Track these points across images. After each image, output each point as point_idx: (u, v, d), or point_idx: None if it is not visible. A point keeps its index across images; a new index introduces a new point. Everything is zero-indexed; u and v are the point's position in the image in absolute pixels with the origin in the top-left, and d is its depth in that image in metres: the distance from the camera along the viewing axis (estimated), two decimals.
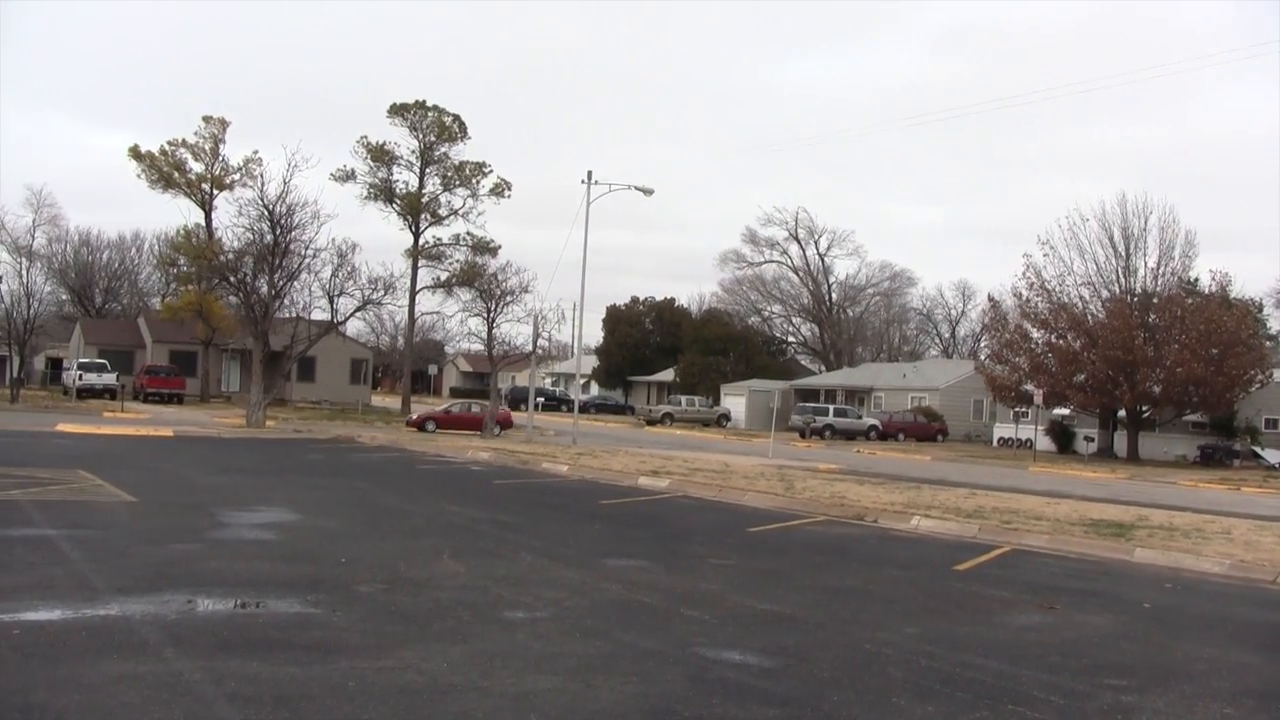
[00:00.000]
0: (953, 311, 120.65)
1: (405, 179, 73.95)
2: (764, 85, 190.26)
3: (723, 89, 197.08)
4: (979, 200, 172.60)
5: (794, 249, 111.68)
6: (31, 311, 62.12)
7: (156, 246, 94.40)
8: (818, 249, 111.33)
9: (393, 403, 79.74)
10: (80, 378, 64.10)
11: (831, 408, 73.81)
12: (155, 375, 67.42)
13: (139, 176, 72.47)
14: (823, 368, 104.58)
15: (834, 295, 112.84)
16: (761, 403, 73.93)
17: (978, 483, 35.13)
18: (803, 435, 67.72)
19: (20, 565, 12.61)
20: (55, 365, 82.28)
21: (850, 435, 69.41)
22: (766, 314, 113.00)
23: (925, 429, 71.12)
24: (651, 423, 77.58)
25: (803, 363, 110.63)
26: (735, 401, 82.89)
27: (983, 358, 72.42)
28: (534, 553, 15.85)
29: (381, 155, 72.69)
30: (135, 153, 72.25)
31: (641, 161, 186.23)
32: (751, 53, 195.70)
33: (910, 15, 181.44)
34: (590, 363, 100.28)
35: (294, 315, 50.91)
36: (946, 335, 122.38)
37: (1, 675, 8.11)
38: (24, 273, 68.09)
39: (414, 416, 55.89)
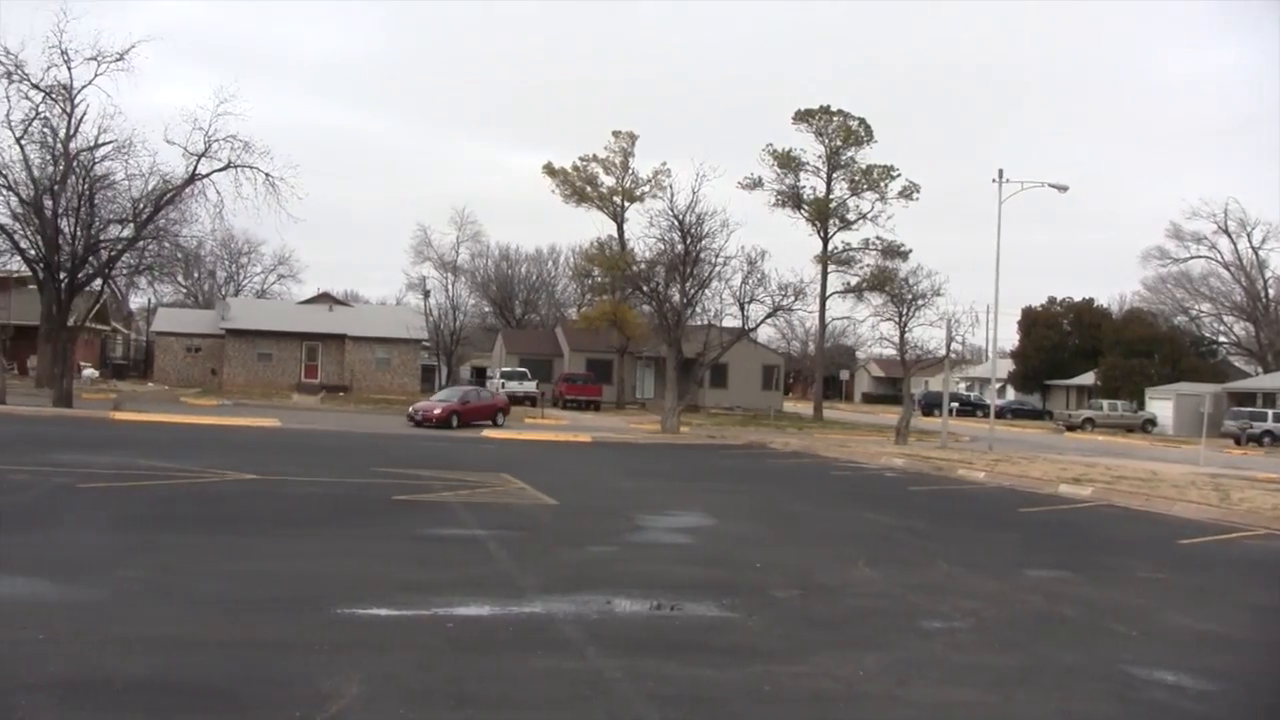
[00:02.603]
0: None
1: (812, 184, 74.07)
2: (1181, 75, 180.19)
3: (1136, 79, 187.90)
4: None
5: (1223, 243, 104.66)
6: (457, 323, 65.86)
7: (571, 259, 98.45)
8: (1250, 242, 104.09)
9: (804, 409, 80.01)
10: (503, 385, 67.50)
11: (1270, 412, 68.63)
12: (573, 383, 70.08)
13: (553, 192, 75.96)
14: (1259, 369, 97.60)
15: (1270, 291, 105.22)
16: (1190, 407, 69.73)
17: None
18: (1238, 442, 63.36)
19: (453, 563, 13.31)
20: (479, 374, 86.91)
21: None
22: (1194, 313, 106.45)
23: None
24: (1070, 428, 74.60)
25: (1236, 364, 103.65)
26: (1161, 406, 78.54)
27: None
28: (950, 561, 15.44)
29: (788, 162, 73.08)
30: (550, 170, 75.71)
31: (1055, 157, 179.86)
32: (1168, 41, 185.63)
33: None
34: (1005, 366, 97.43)
35: (706, 322, 51.79)
36: None
37: (439, 665, 8.54)
38: (450, 287, 72.46)
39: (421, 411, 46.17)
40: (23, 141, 48.75)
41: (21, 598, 10.23)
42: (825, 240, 73.09)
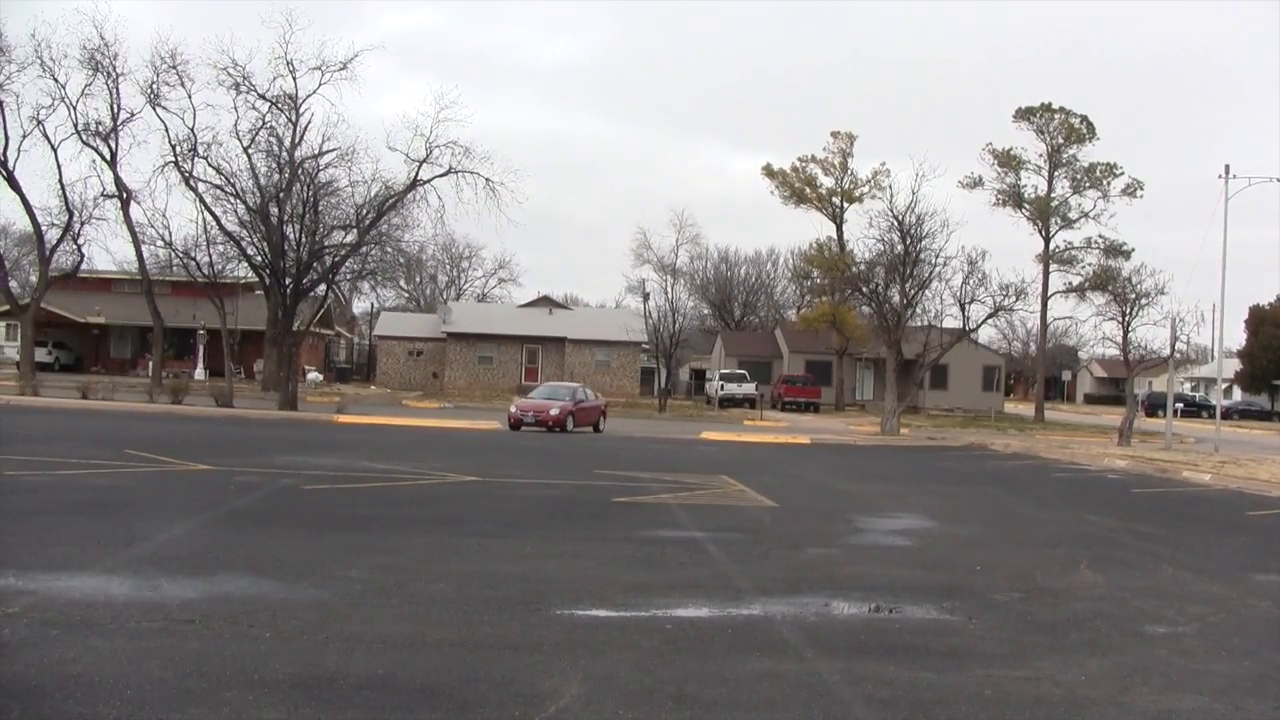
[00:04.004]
0: None
1: (1033, 183, 72.43)
2: None
3: None
4: None
5: None
6: (676, 325, 66.25)
7: (790, 260, 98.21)
8: None
9: (1025, 410, 78.26)
10: (722, 388, 67.69)
11: None
12: (792, 384, 69.97)
13: (772, 194, 76.10)
14: None
15: None
16: None
17: None
18: None
19: (672, 564, 13.44)
20: (698, 376, 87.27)
21: None
22: None
23: None
24: None
25: None
26: None
27: None
28: (1175, 565, 14.98)
29: (1008, 161, 71.59)
30: (769, 171, 75.77)
31: None
32: None
33: None
34: (1231, 366, 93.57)
35: (925, 323, 51.23)
36: None
37: (657, 666, 8.67)
38: (669, 289, 73.02)
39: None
40: (250, 151, 51.14)
41: (250, 596, 10.64)
42: (1047, 239, 71.32)
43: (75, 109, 51.45)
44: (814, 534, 16.89)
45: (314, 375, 70.57)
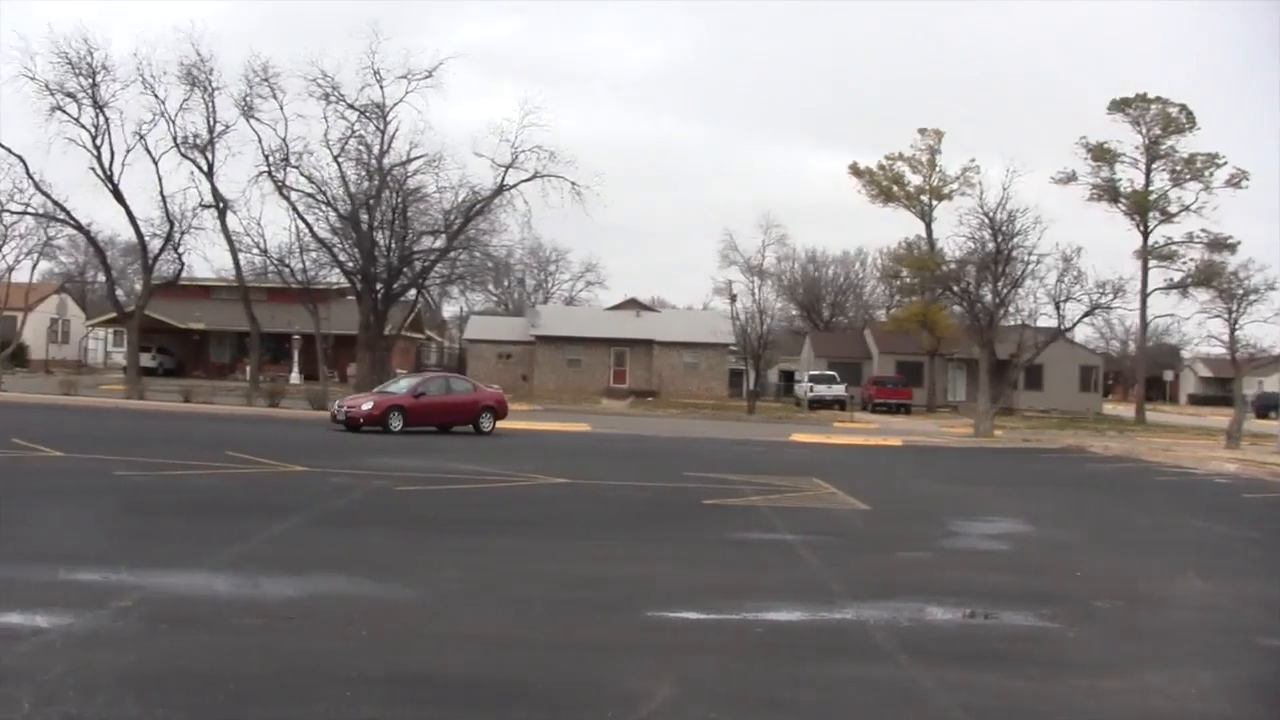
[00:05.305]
0: None
1: (1130, 176, 70.96)
2: None
3: None
4: None
5: None
6: (764, 327, 66.05)
7: (879, 260, 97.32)
8: None
9: (1124, 411, 76.87)
10: (811, 389, 67.26)
11: None
12: (882, 386, 69.29)
13: (859, 193, 75.44)
14: None
15: None
16: None
17: None
18: None
19: (763, 567, 13.35)
20: (787, 377, 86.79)
21: None
22: None
23: None
24: None
25: None
26: None
27: None
28: None
29: (1102, 154, 70.18)
30: (855, 170, 75.23)
31: None
32: None
33: None
34: None
35: (1019, 323, 50.52)
36: None
37: (749, 669, 8.56)
38: (756, 290, 72.56)
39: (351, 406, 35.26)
40: (340, 159, 51.74)
41: (346, 595, 10.83)
42: (1145, 234, 69.76)
43: (174, 123, 52.72)
44: (907, 537, 16.62)
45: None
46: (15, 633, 8.62)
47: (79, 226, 54.53)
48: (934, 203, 73.94)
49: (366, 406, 34.42)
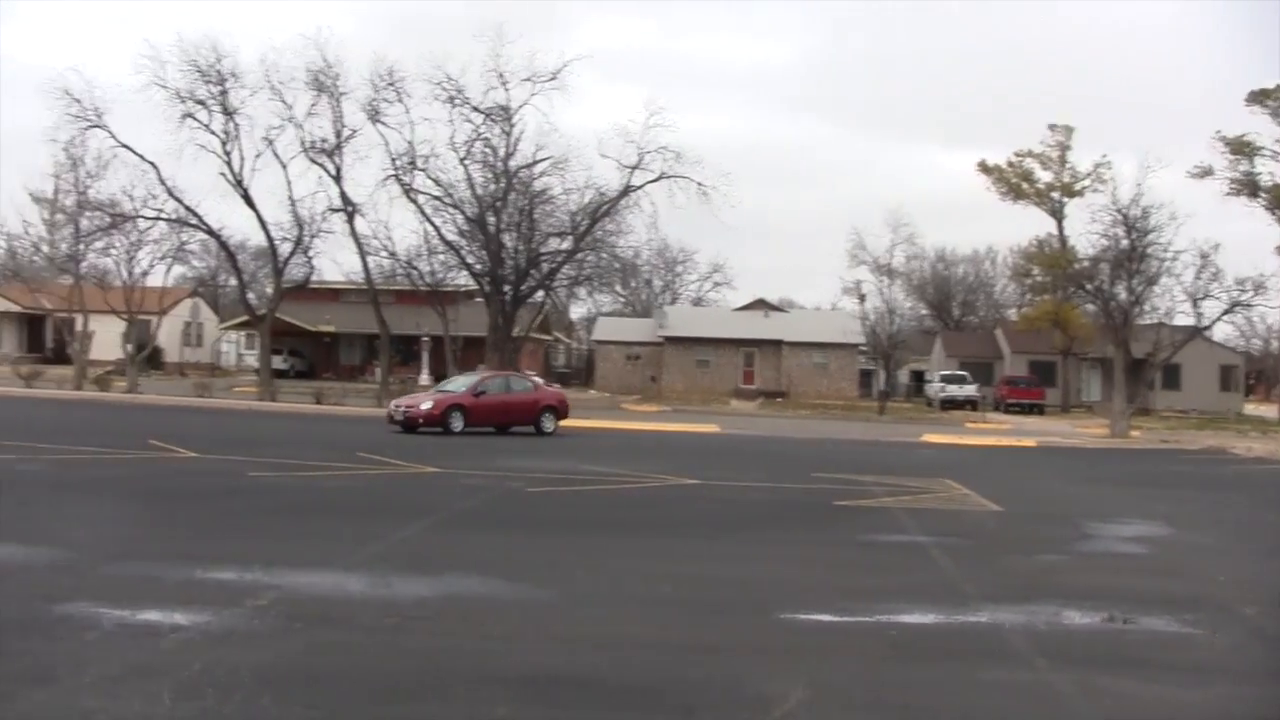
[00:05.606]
0: None
1: (1270, 170, 68.82)
2: None
3: None
4: None
5: None
6: (894, 327, 65.54)
7: (1009, 258, 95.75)
8: None
9: (1268, 412, 74.63)
10: (942, 389, 66.50)
11: None
12: (1015, 386, 68.23)
13: (988, 190, 74.29)
14: None
15: None
16: None
17: None
18: None
19: (895, 569, 13.24)
20: (917, 378, 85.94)
21: None
22: None
23: None
24: None
25: None
26: None
27: None
28: None
29: (1241, 148, 68.22)
30: (984, 167, 74.15)
31: None
32: None
33: None
34: None
35: (1155, 321, 49.40)
36: None
37: (882, 673, 8.51)
38: (885, 290, 71.99)
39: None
40: (466, 162, 52.21)
41: (478, 595, 10.98)
42: None
43: (302, 128, 53.45)
44: (1042, 539, 16.31)
45: (535, 379, 71.96)
46: (155, 629, 8.83)
47: (211, 231, 55.64)
48: (1065, 199, 72.54)
49: (426, 406, 33.65)
